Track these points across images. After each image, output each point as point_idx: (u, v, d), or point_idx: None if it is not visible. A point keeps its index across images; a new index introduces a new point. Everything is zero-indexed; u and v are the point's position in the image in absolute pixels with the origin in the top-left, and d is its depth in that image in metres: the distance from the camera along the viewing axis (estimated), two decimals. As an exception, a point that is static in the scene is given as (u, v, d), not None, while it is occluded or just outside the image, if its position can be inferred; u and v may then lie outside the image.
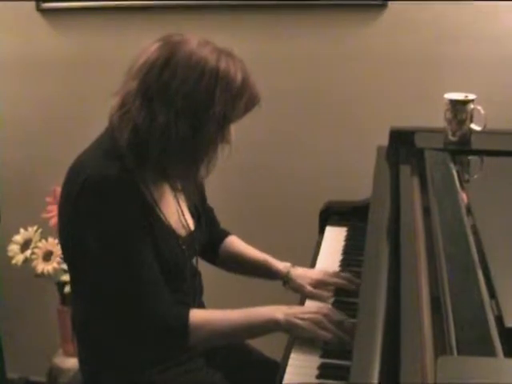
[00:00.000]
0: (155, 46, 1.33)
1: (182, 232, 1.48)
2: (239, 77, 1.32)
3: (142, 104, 1.30)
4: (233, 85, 1.31)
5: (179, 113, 1.29)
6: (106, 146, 1.37)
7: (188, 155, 1.34)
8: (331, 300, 1.52)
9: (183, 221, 1.50)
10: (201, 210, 1.59)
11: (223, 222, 1.73)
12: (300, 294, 1.59)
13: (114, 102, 1.36)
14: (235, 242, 1.71)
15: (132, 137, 1.32)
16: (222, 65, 1.30)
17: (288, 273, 1.62)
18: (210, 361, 1.53)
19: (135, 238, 1.33)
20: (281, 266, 1.65)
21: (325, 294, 1.55)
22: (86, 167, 1.33)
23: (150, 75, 1.30)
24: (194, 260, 1.54)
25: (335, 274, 1.60)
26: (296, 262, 1.68)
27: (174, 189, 1.47)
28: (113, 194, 1.31)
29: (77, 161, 1.38)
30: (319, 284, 1.58)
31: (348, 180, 2.22)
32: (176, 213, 1.48)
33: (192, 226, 1.53)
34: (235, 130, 1.40)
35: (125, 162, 1.32)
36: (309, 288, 1.57)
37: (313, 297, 1.56)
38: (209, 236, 1.62)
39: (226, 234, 1.72)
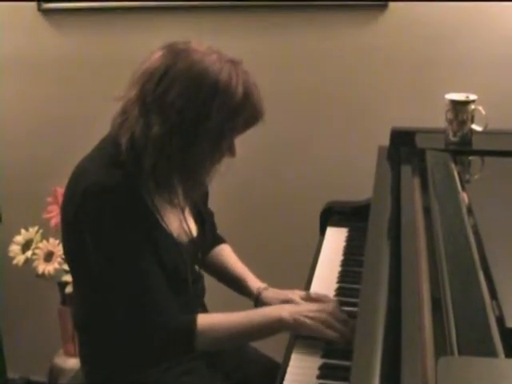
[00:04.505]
0: (159, 53, 1.30)
1: (183, 239, 1.46)
2: (240, 91, 1.27)
3: (140, 114, 1.29)
4: (232, 99, 1.27)
5: (173, 126, 1.27)
6: (109, 151, 1.35)
7: (181, 168, 1.32)
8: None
9: (185, 227, 1.48)
10: (205, 215, 1.57)
11: (224, 222, 1.72)
12: None
13: (118, 107, 1.35)
14: (223, 251, 1.67)
15: (129, 145, 1.30)
16: (223, 78, 1.26)
17: (259, 295, 1.55)
18: (210, 361, 1.52)
19: (137, 246, 1.32)
20: (255, 287, 1.56)
21: None
22: (87, 174, 1.32)
23: (148, 84, 1.28)
24: (196, 265, 1.51)
25: (306, 296, 1.48)
26: (297, 263, 1.67)
27: (171, 200, 1.41)
28: (114, 203, 1.29)
29: (79, 166, 1.37)
30: None
31: (349, 180, 2.22)
32: (178, 219, 1.46)
33: (194, 232, 1.51)
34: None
35: (127, 169, 1.31)
36: None
37: None
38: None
39: (220, 240, 1.69)
